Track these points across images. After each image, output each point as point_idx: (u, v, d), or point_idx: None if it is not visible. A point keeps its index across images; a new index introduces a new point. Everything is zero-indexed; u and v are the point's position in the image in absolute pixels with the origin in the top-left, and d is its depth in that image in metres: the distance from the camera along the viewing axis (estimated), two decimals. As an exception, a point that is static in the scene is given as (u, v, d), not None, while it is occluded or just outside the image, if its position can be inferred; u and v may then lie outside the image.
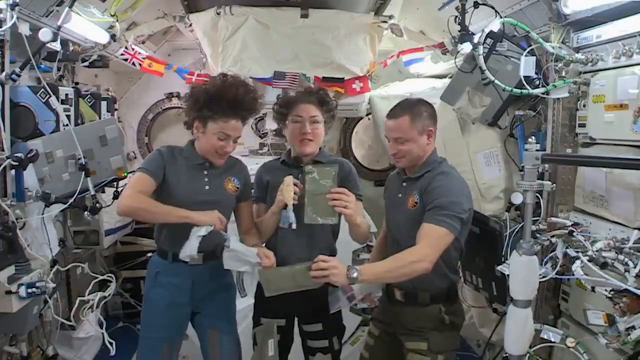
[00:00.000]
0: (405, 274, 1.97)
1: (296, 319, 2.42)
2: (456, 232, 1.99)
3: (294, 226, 2.14)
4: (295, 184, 2.15)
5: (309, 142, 2.25)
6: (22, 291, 2.11)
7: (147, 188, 2.15)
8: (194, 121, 2.22)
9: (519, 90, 2.49)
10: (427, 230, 1.97)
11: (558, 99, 2.47)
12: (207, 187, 2.25)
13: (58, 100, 2.58)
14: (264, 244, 2.33)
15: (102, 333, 2.81)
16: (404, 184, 2.21)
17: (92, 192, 2.62)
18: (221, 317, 2.35)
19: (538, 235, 2.31)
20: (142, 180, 2.15)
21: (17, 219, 2.25)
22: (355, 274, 1.90)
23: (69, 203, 2.49)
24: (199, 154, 2.25)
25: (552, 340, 2.28)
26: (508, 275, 2.13)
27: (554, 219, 2.42)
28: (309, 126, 2.24)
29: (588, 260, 1.99)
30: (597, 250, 2.00)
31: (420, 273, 1.93)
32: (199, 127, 2.21)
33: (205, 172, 2.26)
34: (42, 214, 2.42)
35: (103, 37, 3.09)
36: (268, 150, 4.26)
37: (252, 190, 2.43)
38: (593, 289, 2.09)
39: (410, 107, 2.13)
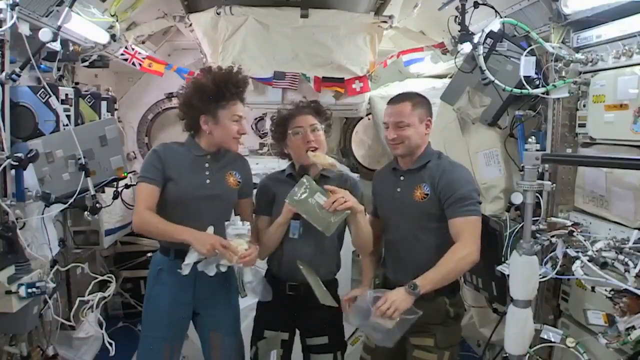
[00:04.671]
0: (458, 273, 2.13)
1: (297, 333, 2.40)
2: (480, 215, 2.12)
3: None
4: None
5: (315, 149, 2.26)
6: (22, 291, 2.11)
7: (153, 199, 2.17)
8: (199, 118, 2.21)
9: (519, 90, 2.49)
10: (461, 224, 2.06)
11: (558, 99, 2.46)
12: (207, 181, 2.24)
13: (58, 100, 2.57)
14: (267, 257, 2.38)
15: (102, 333, 2.80)
16: (402, 177, 2.24)
17: (92, 192, 2.62)
18: (223, 318, 2.34)
19: (538, 235, 2.31)
20: (146, 191, 2.16)
21: (17, 219, 2.24)
22: (417, 290, 1.96)
23: (69, 203, 2.48)
24: (201, 147, 2.26)
25: (552, 340, 2.28)
26: (508, 275, 2.13)
27: (554, 219, 2.42)
28: (311, 134, 2.26)
29: (588, 260, 1.99)
30: (597, 250, 1.99)
31: (472, 266, 2.05)
32: (208, 121, 2.21)
33: (207, 166, 2.26)
34: (42, 214, 2.42)
35: (103, 37, 3.08)
36: (268, 150, 4.25)
37: (256, 203, 2.43)
38: (593, 289, 2.08)
39: (410, 96, 2.24)
